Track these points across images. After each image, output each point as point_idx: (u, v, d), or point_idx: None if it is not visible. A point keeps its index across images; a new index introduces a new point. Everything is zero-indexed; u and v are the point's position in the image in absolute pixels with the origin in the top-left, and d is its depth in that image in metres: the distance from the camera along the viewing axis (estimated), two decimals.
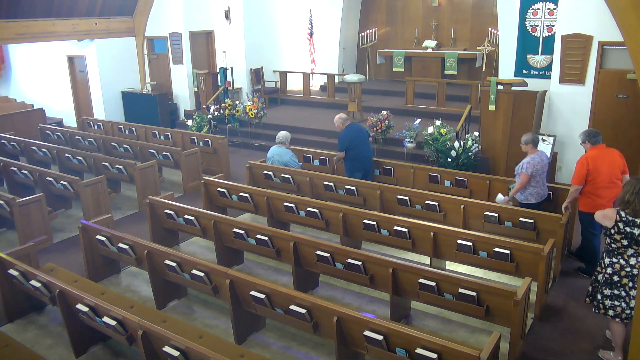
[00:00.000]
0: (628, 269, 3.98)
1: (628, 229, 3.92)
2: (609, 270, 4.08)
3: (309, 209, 5.96)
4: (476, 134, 8.18)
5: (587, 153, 5.44)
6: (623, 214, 3.92)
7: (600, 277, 4.21)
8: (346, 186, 6.64)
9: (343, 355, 3.90)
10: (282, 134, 7.56)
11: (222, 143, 9.11)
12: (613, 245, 4.03)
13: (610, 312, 4.09)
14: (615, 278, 4.04)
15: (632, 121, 7.44)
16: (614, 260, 4.05)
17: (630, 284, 3.97)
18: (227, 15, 13.00)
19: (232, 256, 5.85)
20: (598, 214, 4.12)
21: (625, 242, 3.96)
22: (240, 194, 6.51)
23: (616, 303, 4.06)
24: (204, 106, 11.86)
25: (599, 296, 4.19)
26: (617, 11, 5.34)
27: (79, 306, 4.14)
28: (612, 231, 3.99)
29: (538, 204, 5.88)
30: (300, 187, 7.11)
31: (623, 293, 4.02)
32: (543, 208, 5.86)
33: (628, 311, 3.99)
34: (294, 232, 5.79)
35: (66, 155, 8.62)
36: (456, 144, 7.89)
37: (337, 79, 13.23)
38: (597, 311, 4.23)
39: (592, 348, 4.46)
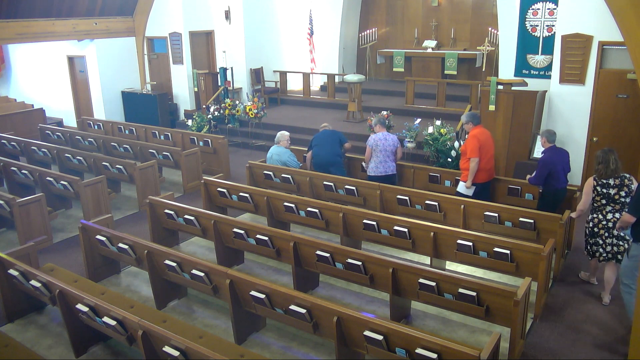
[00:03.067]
0: (604, 222, 4.96)
1: (605, 190, 4.89)
2: (591, 223, 5.08)
3: (309, 209, 5.96)
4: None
5: (473, 131, 6.34)
6: (598, 182, 4.90)
7: (587, 230, 5.16)
8: (346, 186, 6.64)
9: (343, 355, 3.90)
10: (281, 134, 7.57)
11: (222, 143, 9.11)
12: (595, 204, 5.00)
13: (597, 255, 5.09)
14: (595, 229, 5.03)
15: (632, 121, 7.44)
16: (594, 215, 5.04)
17: (606, 234, 4.96)
18: (227, 15, 13.00)
19: (232, 256, 5.85)
20: (584, 189, 5.02)
21: (603, 201, 4.93)
22: (240, 194, 6.51)
23: (595, 248, 5.08)
24: (204, 106, 11.86)
25: (587, 245, 5.19)
26: (617, 11, 5.33)
27: (79, 306, 4.14)
28: (594, 194, 4.95)
29: (377, 178, 6.74)
30: (300, 187, 7.11)
31: (600, 241, 5.02)
32: (393, 182, 6.86)
33: (605, 254, 5.01)
34: (294, 232, 5.78)
35: (66, 155, 8.61)
36: (456, 144, 7.89)
37: (337, 79, 13.23)
38: (590, 257, 5.26)
39: (592, 348, 4.46)
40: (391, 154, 6.82)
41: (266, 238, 5.19)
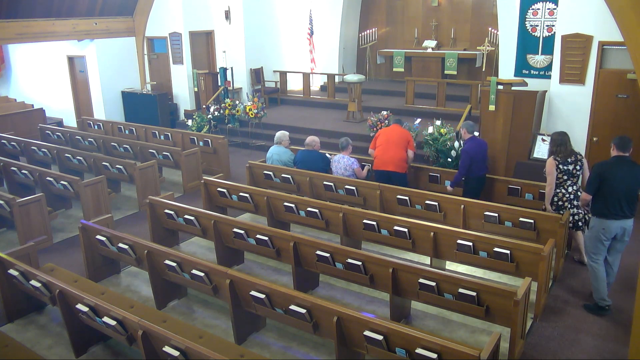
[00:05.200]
0: (567, 195, 5.67)
1: (566, 167, 5.60)
2: (555, 198, 5.71)
3: (309, 209, 5.96)
4: (476, 134, 8.17)
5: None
6: (558, 160, 5.59)
7: (552, 206, 5.71)
8: (346, 186, 6.64)
9: (343, 355, 3.90)
10: (280, 134, 7.56)
11: (222, 143, 9.11)
12: (558, 181, 5.66)
13: (570, 225, 5.70)
14: (560, 203, 5.69)
15: (632, 121, 7.43)
16: (558, 190, 5.69)
17: (569, 205, 5.67)
18: (227, 15, 13.00)
19: (232, 256, 5.85)
20: (547, 170, 5.65)
21: (565, 177, 5.64)
22: (240, 194, 6.51)
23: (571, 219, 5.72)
24: (204, 106, 11.86)
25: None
26: (617, 11, 5.33)
27: (79, 306, 4.14)
28: (556, 172, 5.61)
29: None
30: (300, 187, 7.11)
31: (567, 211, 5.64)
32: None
33: (570, 224, 5.69)
34: (294, 232, 5.78)
35: (66, 155, 8.61)
36: (456, 144, 7.88)
37: (337, 79, 13.23)
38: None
39: (592, 348, 4.46)
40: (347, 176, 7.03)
41: (266, 238, 5.19)
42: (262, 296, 4.18)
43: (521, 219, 5.46)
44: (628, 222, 4.81)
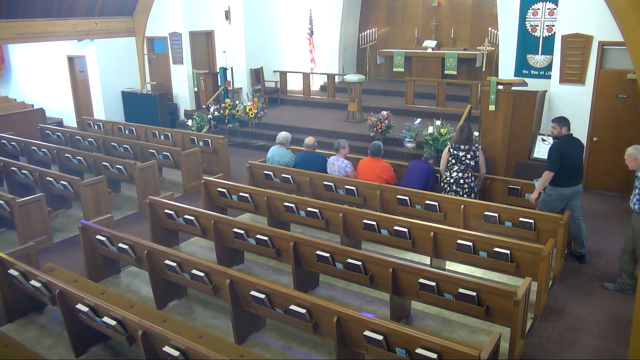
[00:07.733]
0: (449, 179, 6.34)
1: (455, 152, 6.26)
2: (444, 180, 6.40)
3: (309, 209, 5.96)
4: (476, 134, 8.17)
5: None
6: (452, 145, 6.29)
7: (442, 184, 6.43)
8: (346, 186, 6.64)
9: (343, 355, 3.90)
10: (283, 135, 7.55)
11: (222, 143, 9.11)
12: (448, 164, 6.35)
13: None
14: (445, 186, 6.38)
15: (632, 121, 7.44)
16: (447, 173, 6.37)
17: (448, 188, 6.35)
18: (227, 15, 13.00)
19: (232, 256, 5.85)
20: (443, 154, 6.37)
21: (453, 161, 6.28)
22: (240, 194, 6.51)
23: None
24: (204, 106, 11.86)
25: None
26: (617, 11, 5.34)
27: (79, 306, 4.13)
28: (447, 156, 6.31)
29: None
30: (300, 187, 7.11)
31: (444, 193, 6.27)
32: None
33: None
34: (294, 232, 5.78)
35: (66, 155, 8.61)
36: None
37: (337, 79, 13.23)
38: None
39: (592, 348, 4.46)
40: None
41: (266, 238, 5.19)
42: (262, 296, 4.18)
43: (521, 219, 5.46)
44: (579, 187, 5.74)
